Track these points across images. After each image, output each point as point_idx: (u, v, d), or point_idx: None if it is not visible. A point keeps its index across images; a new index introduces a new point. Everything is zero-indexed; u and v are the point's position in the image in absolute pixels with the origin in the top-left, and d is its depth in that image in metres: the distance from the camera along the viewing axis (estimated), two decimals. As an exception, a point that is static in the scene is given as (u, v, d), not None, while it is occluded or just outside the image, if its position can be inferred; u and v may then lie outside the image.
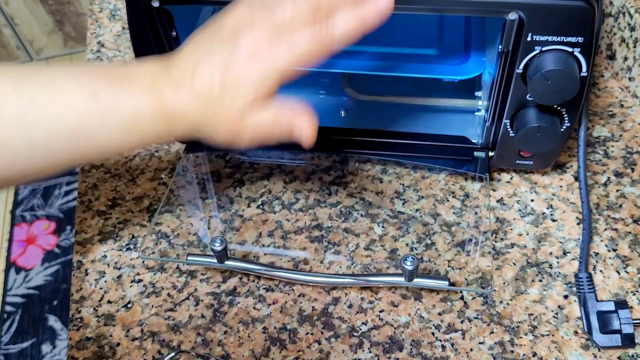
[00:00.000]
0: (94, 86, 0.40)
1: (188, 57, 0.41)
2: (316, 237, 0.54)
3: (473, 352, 0.46)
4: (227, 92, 0.39)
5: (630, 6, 0.60)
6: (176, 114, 0.40)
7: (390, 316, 0.49)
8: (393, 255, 0.52)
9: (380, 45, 0.58)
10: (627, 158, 0.57)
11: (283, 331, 0.48)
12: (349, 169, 0.59)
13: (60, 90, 0.39)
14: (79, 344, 0.49)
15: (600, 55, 0.66)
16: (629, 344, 0.45)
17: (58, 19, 1.87)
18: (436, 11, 0.46)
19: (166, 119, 0.41)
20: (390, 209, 0.55)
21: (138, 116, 0.40)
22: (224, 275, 0.52)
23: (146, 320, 0.50)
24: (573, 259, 0.51)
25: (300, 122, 0.42)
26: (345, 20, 0.41)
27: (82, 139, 0.40)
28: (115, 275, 0.53)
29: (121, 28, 0.75)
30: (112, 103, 0.40)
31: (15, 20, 1.82)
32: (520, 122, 0.49)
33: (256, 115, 0.40)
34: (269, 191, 0.58)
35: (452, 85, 0.60)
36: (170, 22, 0.50)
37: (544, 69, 0.43)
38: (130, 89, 0.40)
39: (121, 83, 0.40)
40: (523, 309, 0.48)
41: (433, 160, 0.56)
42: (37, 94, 0.39)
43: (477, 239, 0.53)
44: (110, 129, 0.40)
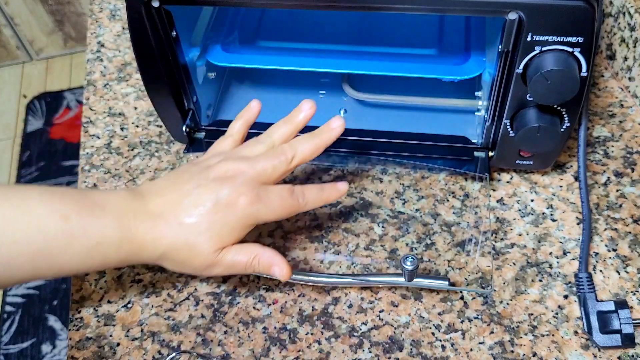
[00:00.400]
0: (66, 209, 0.42)
1: (170, 191, 0.45)
2: (316, 237, 0.54)
3: (473, 352, 0.46)
4: (212, 230, 0.44)
5: (630, 6, 0.60)
6: (147, 243, 0.44)
7: (390, 316, 0.49)
8: (393, 255, 0.52)
9: (380, 45, 0.58)
10: (627, 158, 0.57)
11: (283, 331, 0.48)
12: (349, 169, 0.59)
13: (32, 209, 0.41)
14: (79, 344, 0.49)
15: (600, 55, 0.66)
16: (629, 344, 0.45)
17: (58, 19, 1.87)
18: (436, 11, 0.46)
19: (132, 247, 0.43)
20: (390, 209, 0.55)
21: (104, 242, 0.42)
22: (224, 275, 0.52)
23: (146, 320, 0.50)
24: (573, 259, 0.51)
25: (276, 264, 0.46)
26: (315, 194, 0.48)
27: (45, 258, 0.41)
28: (115, 275, 0.53)
29: (121, 28, 0.75)
30: (82, 227, 0.42)
31: (15, 20, 1.82)
32: (520, 122, 0.49)
33: (234, 255, 0.45)
34: (269, 191, 0.58)
35: (452, 85, 0.60)
36: (170, 22, 0.50)
37: (544, 69, 0.43)
38: (100, 216, 0.43)
39: (93, 209, 0.43)
40: (523, 309, 0.48)
41: (433, 160, 0.56)
42: (9, 211, 0.40)
43: (477, 239, 0.53)
44: (75, 252, 0.42)
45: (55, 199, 0.42)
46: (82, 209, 0.42)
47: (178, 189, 0.45)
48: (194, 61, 0.57)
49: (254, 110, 0.52)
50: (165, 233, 0.44)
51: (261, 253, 0.46)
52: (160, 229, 0.44)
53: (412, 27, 0.59)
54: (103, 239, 0.42)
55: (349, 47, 0.58)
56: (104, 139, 0.63)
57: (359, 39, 0.58)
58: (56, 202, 0.42)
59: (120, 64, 0.70)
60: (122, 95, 0.67)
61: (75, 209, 0.42)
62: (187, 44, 0.55)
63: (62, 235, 0.41)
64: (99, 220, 0.42)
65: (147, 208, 0.44)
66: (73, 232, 0.41)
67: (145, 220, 0.44)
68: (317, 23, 0.56)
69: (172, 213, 0.44)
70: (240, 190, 0.44)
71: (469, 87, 0.59)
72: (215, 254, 0.44)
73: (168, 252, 0.44)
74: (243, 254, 0.45)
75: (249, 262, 0.45)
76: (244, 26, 0.61)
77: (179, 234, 0.44)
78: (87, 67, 0.70)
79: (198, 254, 0.44)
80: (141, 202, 0.45)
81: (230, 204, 0.44)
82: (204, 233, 0.44)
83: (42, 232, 0.41)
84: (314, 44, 0.57)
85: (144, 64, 0.52)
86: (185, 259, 0.45)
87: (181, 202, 0.44)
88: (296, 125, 0.49)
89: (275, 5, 0.50)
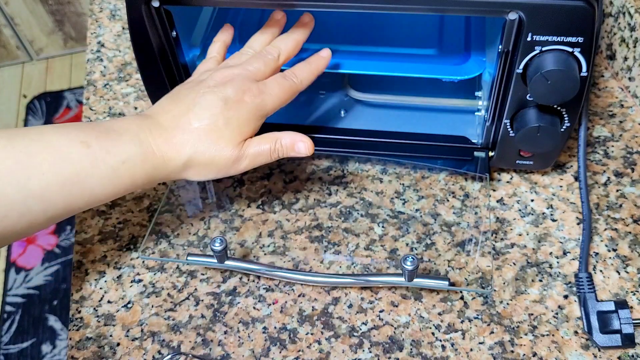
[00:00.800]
0: (84, 137, 0.43)
1: (175, 106, 0.47)
2: (316, 237, 0.54)
3: (473, 352, 0.46)
4: (231, 124, 0.46)
5: (630, 6, 0.60)
6: (170, 152, 0.45)
7: (390, 316, 0.49)
8: (393, 255, 0.52)
9: (380, 45, 0.58)
10: (627, 158, 0.57)
11: (283, 331, 0.48)
12: (349, 169, 0.59)
13: (52, 142, 0.42)
14: (79, 344, 0.49)
15: (600, 55, 0.66)
16: (629, 344, 0.45)
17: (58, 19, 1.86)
18: (436, 11, 0.46)
19: (156, 161, 0.45)
20: (390, 209, 0.55)
21: (128, 160, 0.44)
22: (224, 275, 0.52)
23: (146, 320, 0.50)
24: (573, 259, 0.51)
25: (300, 140, 0.48)
26: (304, 69, 0.51)
27: (75, 186, 0.42)
28: (115, 275, 0.53)
29: (121, 28, 0.75)
30: (104, 150, 0.43)
31: (15, 20, 1.82)
32: (520, 122, 0.49)
33: (257, 145, 0.47)
34: (269, 191, 0.58)
35: (452, 85, 0.60)
36: (170, 22, 0.50)
37: (544, 69, 0.43)
38: (118, 139, 0.44)
39: (109, 134, 0.44)
40: (523, 309, 0.48)
41: (433, 160, 0.56)
42: (30, 146, 0.41)
43: (477, 239, 0.53)
44: (102, 175, 0.43)
45: (71, 130, 0.43)
46: (99, 134, 0.43)
47: (182, 102, 0.47)
48: (194, 61, 0.57)
49: (229, 30, 0.55)
50: (185, 139, 0.45)
51: (281, 136, 0.48)
52: (179, 137, 0.45)
53: (412, 27, 0.59)
54: (127, 157, 0.43)
55: (349, 47, 0.58)
56: (104, 139, 0.63)
57: (359, 39, 0.58)
58: (72, 133, 0.43)
59: (120, 64, 0.70)
60: (122, 95, 0.67)
61: (92, 134, 0.43)
62: (187, 44, 0.55)
63: (86, 159, 0.42)
64: (118, 141, 0.44)
65: (160, 124, 0.46)
66: (96, 156, 0.42)
67: (162, 134, 0.45)
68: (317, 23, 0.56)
69: (185, 121, 0.46)
70: (243, 87, 0.47)
71: (469, 87, 0.59)
72: (239, 146, 0.46)
73: (193, 157, 0.45)
74: (265, 142, 0.48)
75: (272, 148, 0.48)
76: (244, 26, 0.61)
77: (200, 135, 0.45)
78: (87, 67, 0.70)
79: (223, 150, 0.46)
80: (152, 120, 0.46)
81: (239, 101, 0.46)
82: (224, 129, 0.46)
83: (67, 160, 0.41)
84: (314, 44, 0.57)
85: (144, 64, 0.52)
86: (211, 160, 0.46)
87: (191, 110, 0.46)
88: (272, 32, 0.53)
89: (275, 5, 0.50)
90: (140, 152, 0.44)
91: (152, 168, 0.45)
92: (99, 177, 0.43)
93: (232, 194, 0.58)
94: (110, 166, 0.43)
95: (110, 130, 0.44)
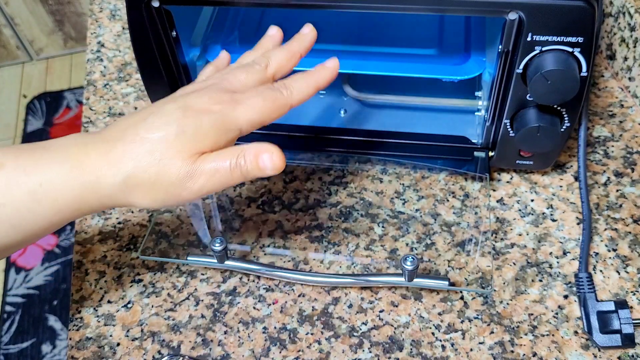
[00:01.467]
0: (3, 158, 0.37)
1: (130, 117, 0.40)
2: (316, 237, 0.54)
3: (473, 352, 0.46)
4: (185, 133, 0.38)
5: (630, 6, 0.60)
6: (104, 168, 0.38)
7: (390, 316, 0.49)
8: (393, 255, 0.52)
9: (380, 45, 0.58)
10: (627, 158, 0.57)
11: (283, 331, 0.48)
12: (349, 169, 0.59)
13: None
14: (79, 344, 0.49)
15: (600, 55, 0.66)
16: (629, 344, 0.45)
17: (58, 19, 1.86)
18: (436, 11, 0.46)
19: (86, 178, 0.38)
20: (390, 209, 0.55)
21: (48, 180, 0.37)
22: (224, 275, 0.52)
23: (146, 320, 0.50)
24: (573, 259, 0.51)
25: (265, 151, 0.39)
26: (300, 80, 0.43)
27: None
28: (115, 275, 0.53)
29: (121, 28, 0.75)
30: (20, 170, 0.37)
31: (15, 20, 1.82)
32: (520, 122, 0.49)
33: (214, 159, 0.39)
34: (269, 191, 0.58)
35: (452, 85, 0.60)
36: (170, 22, 0.50)
37: (544, 69, 0.43)
38: (41, 157, 0.37)
39: (34, 151, 0.38)
40: (523, 309, 0.48)
41: (433, 160, 0.56)
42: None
43: (477, 239, 0.53)
44: (16, 199, 0.36)
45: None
46: (22, 153, 0.37)
47: (139, 113, 0.40)
48: (194, 61, 0.57)
49: (226, 57, 0.49)
50: (126, 151, 0.37)
51: (246, 148, 0.39)
52: (120, 149, 0.37)
53: (412, 27, 0.59)
54: (46, 177, 0.36)
55: (349, 47, 0.58)
56: (104, 139, 0.63)
57: (359, 39, 0.58)
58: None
59: (120, 64, 0.70)
60: (122, 95, 0.67)
61: (12, 154, 0.37)
62: (187, 44, 0.55)
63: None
64: (40, 160, 0.37)
65: (102, 137, 0.39)
66: (9, 177, 0.36)
67: (99, 147, 0.38)
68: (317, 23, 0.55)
69: (132, 132, 0.38)
70: (213, 96, 0.40)
71: (469, 87, 0.59)
72: (191, 160, 0.38)
73: (134, 173, 0.37)
74: (225, 156, 0.39)
75: (233, 163, 0.39)
76: (244, 26, 0.61)
77: (145, 146, 0.37)
78: (87, 67, 0.70)
79: (171, 165, 0.38)
80: (95, 134, 0.39)
81: (202, 110, 0.39)
82: (175, 139, 0.38)
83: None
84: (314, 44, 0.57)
85: (144, 64, 0.52)
86: (156, 176, 0.38)
87: (144, 120, 0.39)
88: (266, 48, 0.47)
89: (276, 5, 0.50)
90: (64, 171, 0.37)
91: (81, 189, 0.37)
92: (13, 205, 0.36)
93: (232, 194, 0.58)
94: (26, 190, 0.36)
95: (39, 147, 0.38)
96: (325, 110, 0.61)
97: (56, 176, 0.37)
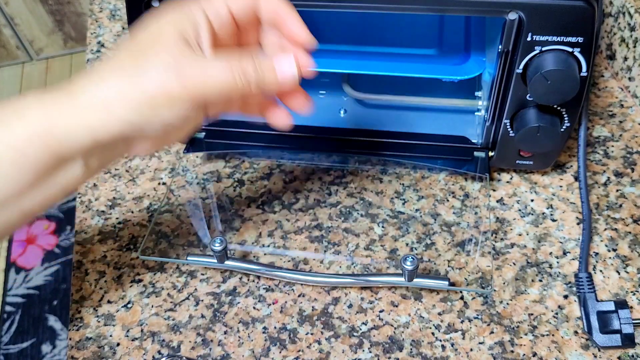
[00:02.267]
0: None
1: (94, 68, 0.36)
2: (316, 237, 0.54)
3: (473, 352, 0.46)
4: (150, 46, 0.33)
5: (630, 6, 0.60)
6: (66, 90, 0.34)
7: (390, 316, 0.49)
8: (393, 255, 0.52)
9: (380, 45, 0.58)
10: (627, 158, 0.57)
11: (283, 331, 0.48)
12: (349, 169, 0.59)
13: None
14: (79, 344, 0.49)
15: (600, 55, 0.66)
16: (629, 344, 0.45)
17: (58, 19, 1.86)
18: (436, 11, 0.46)
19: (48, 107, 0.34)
20: (390, 209, 0.55)
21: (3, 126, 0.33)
22: (224, 275, 0.52)
23: (146, 320, 0.50)
24: (573, 259, 0.51)
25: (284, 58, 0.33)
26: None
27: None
28: (115, 275, 0.53)
29: (121, 28, 0.75)
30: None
31: (15, 20, 1.82)
32: (520, 122, 0.49)
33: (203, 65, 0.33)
34: (269, 191, 0.58)
35: (452, 85, 0.60)
36: (170, 22, 0.49)
37: (544, 69, 0.43)
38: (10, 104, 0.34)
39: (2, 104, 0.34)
40: (523, 309, 0.48)
41: (433, 160, 0.56)
42: None
43: (477, 239, 0.53)
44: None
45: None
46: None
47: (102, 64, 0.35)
48: (194, 61, 0.57)
49: None
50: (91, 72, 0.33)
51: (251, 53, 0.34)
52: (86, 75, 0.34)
53: (412, 27, 0.59)
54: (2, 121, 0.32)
55: (349, 47, 0.58)
56: (104, 139, 0.63)
57: (359, 39, 0.58)
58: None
59: (120, 64, 0.70)
60: (122, 95, 0.67)
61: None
62: (187, 44, 0.55)
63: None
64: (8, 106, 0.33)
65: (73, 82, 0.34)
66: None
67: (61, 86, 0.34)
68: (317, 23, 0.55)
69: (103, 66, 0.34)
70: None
71: (469, 87, 0.59)
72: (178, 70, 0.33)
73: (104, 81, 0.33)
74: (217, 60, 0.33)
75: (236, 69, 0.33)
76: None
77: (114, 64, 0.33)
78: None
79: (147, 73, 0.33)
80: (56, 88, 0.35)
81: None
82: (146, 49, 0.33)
83: None
84: None
85: (144, 64, 0.52)
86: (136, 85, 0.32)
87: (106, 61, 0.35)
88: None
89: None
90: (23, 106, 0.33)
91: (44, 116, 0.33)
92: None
93: (232, 194, 0.58)
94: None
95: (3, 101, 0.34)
96: (325, 110, 0.61)
97: (12, 115, 0.33)
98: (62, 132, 0.33)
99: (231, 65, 0.33)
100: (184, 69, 0.32)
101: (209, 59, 0.34)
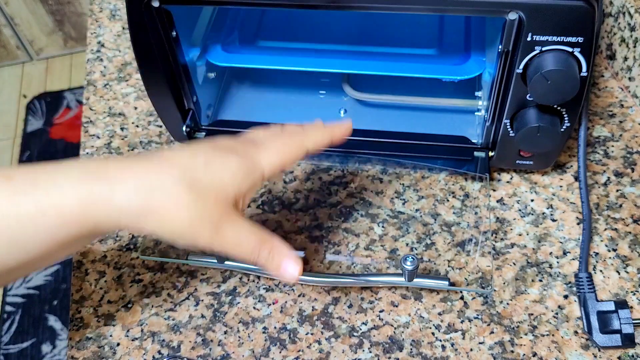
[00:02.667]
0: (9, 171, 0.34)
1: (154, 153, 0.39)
2: (316, 237, 0.54)
3: (473, 352, 0.46)
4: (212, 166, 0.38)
5: (630, 6, 0.60)
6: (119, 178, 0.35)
7: (390, 316, 0.49)
8: (393, 255, 0.52)
9: (380, 45, 0.58)
10: (627, 158, 0.57)
11: (283, 331, 0.48)
12: (349, 169, 0.59)
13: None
14: (79, 344, 0.49)
15: (600, 55, 0.66)
16: (629, 344, 0.45)
17: (58, 19, 1.86)
18: (436, 11, 0.46)
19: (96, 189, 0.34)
20: (390, 209, 0.55)
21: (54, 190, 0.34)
22: (224, 275, 0.52)
23: (146, 320, 0.50)
24: (573, 259, 0.51)
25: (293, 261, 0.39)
26: (318, 133, 0.44)
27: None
28: (115, 275, 0.53)
29: (121, 28, 0.75)
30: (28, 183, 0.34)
31: (15, 20, 1.82)
32: (520, 122, 0.49)
33: (239, 231, 0.38)
34: (269, 191, 0.58)
35: (452, 85, 0.60)
36: (170, 22, 0.50)
37: (544, 69, 0.43)
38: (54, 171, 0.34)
39: (45, 166, 0.35)
40: (523, 309, 0.48)
41: (433, 160, 0.56)
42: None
43: (477, 239, 0.53)
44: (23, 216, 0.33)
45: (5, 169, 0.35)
46: (34, 167, 0.34)
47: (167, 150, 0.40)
48: (194, 61, 0.57)
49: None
50: (150, 167, 0.35)
51: (274, 241, 0.39)
52: (143, 164, 0.36)
53: (412, 27, 0.59)
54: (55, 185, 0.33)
55: (349, 47, 0.58)
56: (104, 139, 0.63)
57: (359, 39, 0.58)
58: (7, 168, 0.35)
59: (120, 64, 0.70)
60: (122, 95, 0.67)
61: (25, 168, 0.34)
62: (187, 44, 0.55)
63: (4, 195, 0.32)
64: (52, 172, 0.34)
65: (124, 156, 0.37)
66: (16, 188, 0.33)
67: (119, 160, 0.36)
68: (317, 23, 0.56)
69: (158, 154, 0.37)
70: (239, 141, 0.42)
71: (469, 87, 0.59)
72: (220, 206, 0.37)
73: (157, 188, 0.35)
74: (250, 235, 0.38)
75: (256, 250, 0.38)
76: (244, 26, 0.61)
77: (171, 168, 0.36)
78: (87, 67, 0.70)
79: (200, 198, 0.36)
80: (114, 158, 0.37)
81: (229, 148, 0.40)
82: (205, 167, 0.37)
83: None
84: (314, 44, 0.57)
85: (144, 64, 0.52)
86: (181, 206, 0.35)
87: (171, 150, 0.39)
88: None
89: (276, 5, 0.50)
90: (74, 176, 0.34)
91: (90, 198, 0.34)
92: (16, 218, 0.33)
93: (232, 194, 0.58)
94: (32, 199, 0.33)
95: (53, 163, 0.35)
96: (325, 110, 0.61)
97: (65, 182, 0.34)
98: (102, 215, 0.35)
99: (256, 244, 0.38)
100: (223, 230, 0.37)
101: (244, 224, 0.38)
